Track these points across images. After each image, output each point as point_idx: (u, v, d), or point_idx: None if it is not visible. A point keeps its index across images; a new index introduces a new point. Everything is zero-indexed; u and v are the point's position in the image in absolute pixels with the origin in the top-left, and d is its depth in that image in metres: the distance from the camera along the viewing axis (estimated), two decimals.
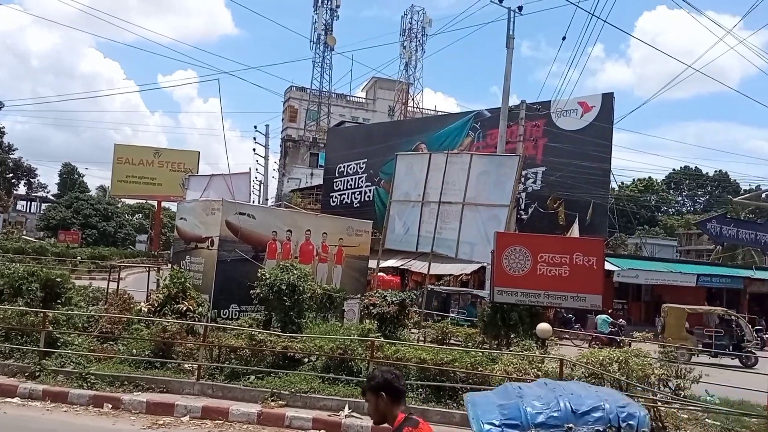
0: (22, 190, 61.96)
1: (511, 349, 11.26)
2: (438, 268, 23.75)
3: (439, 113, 50.61)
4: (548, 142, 27.63)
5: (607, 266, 20.87)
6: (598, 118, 26.84)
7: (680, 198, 71.79)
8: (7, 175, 52.95)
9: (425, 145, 31.35)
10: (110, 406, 8.96)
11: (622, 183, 56.19)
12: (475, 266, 22.88)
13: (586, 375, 9.36)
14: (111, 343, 10.76)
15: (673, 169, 67.64)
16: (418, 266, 25.53)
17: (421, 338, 14.20)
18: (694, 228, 47.12)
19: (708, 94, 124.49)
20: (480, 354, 10.02)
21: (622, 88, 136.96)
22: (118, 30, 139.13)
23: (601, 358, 9.14)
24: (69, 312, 11.27)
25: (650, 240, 46.63)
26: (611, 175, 28.80)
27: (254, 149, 43.85)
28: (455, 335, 13.69)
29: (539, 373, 9.26)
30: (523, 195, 27.34)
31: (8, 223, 67.21)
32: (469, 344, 12.60)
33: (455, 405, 9.21)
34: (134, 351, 10.41)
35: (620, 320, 21.91)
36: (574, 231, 23.03)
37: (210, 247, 14.11)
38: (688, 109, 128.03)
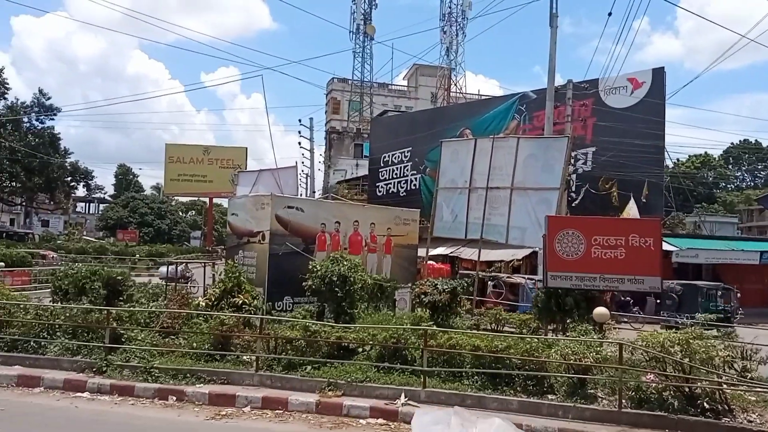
0: (80, 192, 64.53)
1: (568, 334, 11.08)
2: (488, 255, 23.51)
3: (482, 97, 49.94)
4: (597, 121, 26.88)
5: (665, 246, 20.22)
6: (649, 94, 25.93)
7: (739, 173, 68.91)
8: (66, 179, 55.02)
9: (470, 130, 30.98)
10: (174, 398, 9.26)
11: (678, 160, 54.26)
12: (527, 251, 22.54)
13: (647, 359, 9.14)
14: (172, 337, 11.10)
15: (731, 144, 64.91)
16: (467, 253, 25.33)
17: (475, 325, 14.11)
18: (755, 204, 45.12)
19: (764, 63, 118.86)
20: (535, 340, 9.90)
21: (671, 61, 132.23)
22: (161, 31, 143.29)
23: (661, 340, 8.87)
24: (131, 308, 11.69)
25: (709, 218, 44.96)
26: (665, 153, 27.86)
27: (299, 142, 44.33)
28: (509, 322, 13.55)
29: (598, 357, 9.10)
30: (574, 177, 26.72)
31: (69, 224, 70.11)
32: (524, 330, 12.46)
33: (512, 392, 9.14)
34: (194, 344, 10.70)
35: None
36: (632, 211, 22.35)
37: (262, 241, 14.35)
38: (743, 79, 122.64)
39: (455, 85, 56.96)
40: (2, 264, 25.86)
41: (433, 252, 23.39)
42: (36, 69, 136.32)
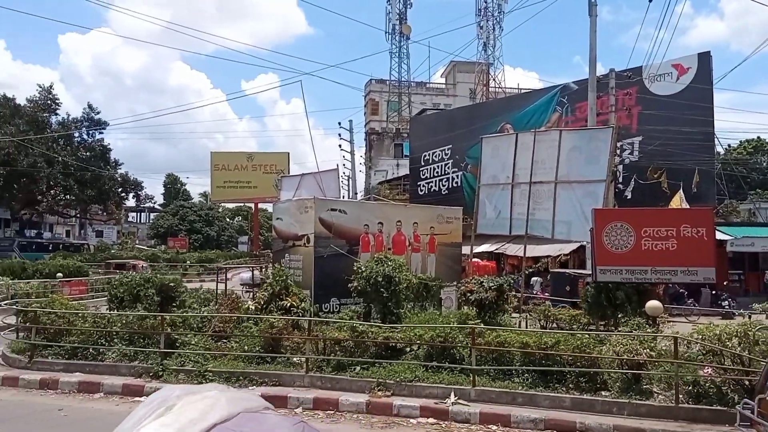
0: (131, 202, 66.49)
1: (620, 329, 10.84)
2: (534, 250, 23.23)
3: (522, 91, 49.29)
4: (643, 109, 26.19)
5: (719, 236, 19.56)
6: (696, 79, 25.13)
7: None
8: (117, 190, 56.85)
9: (510, 125, 30.65)
10: None
11: (729, 146, 52.30)
12: (574, 245, 22.17)
13: (703, 352, 8.87)
14: (224, 341, 11.35)
15: None
16: (513, 249, 25.09)
17: (524, 323, 13.96)
18: None
19: None
20: (586, 336, 9.71)
21: (716, 44, 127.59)
22: (201, 42, 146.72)
23: (718, 332, 8.59)
24: (184, 314, 12.01)
25: (765, 205, 43.19)
26: (715, 139, 26.91)
27: (340, 145, 44.68)
28: (558, 318, 13.35)
29: (651, 353, 8.88)
30: (620, 168, 26.10)
31: (122, 234, 72.47)
32: (574, 326, 12.25)
33: (564, 389, 9.00)
34: (246, 347, 10.92)
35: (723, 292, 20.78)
36: (681, 200, 21.67)
37: (306, 245, 14.53)
38: None
39: (494, 80, 56.37)
40: (60, 275, 26.94)
41: (478, 249, 23.23)
42: (83, 84, 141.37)
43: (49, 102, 51.44)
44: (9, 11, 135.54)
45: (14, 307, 13.56)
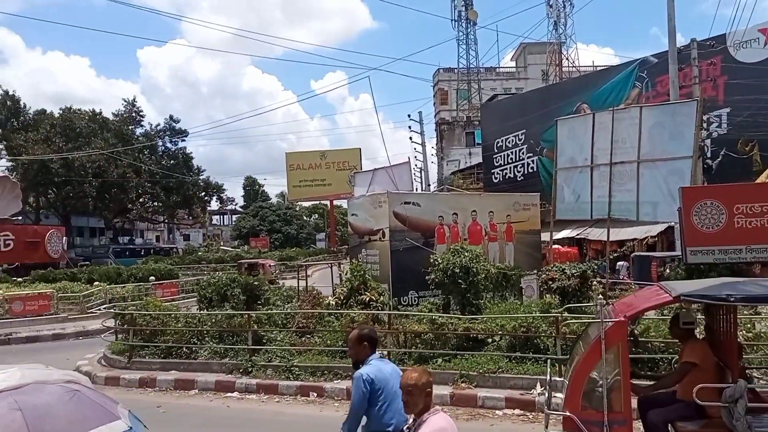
0: (214, 205, 69.34)
1: None
2: (619, 234, 22.36)
3: (597, 68, 47.45)
4: (729, 79, 24.56)
5: None
6: None
7: None
8: (200, 194, 59.44)
9: (587, 105, 29.53)
10: (315, 394, 9.72)
11: None
12: (662, 227, 21.17)
13: None
14: (308, 336, 11.63)
15: None
16: (595, 234, 24.23)
17: None
18: None
19: None
20: None
21: None
22: (270, 46, 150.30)
23: None
24: (269, 311, 12.40)
25: None
26: None
27: (410, 137, 44.68)
28: None
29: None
30: (708, 142, 24.63)
31: (207, 236, 75.76)
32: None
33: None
34: (329, 342, 11.14)
35: None
36: None
37: (382, 239, 14.61)
38: None
39: (566, 59, 54.60)
40: (153, 278, 28.44)
41: (558, 236, 22.62)
42: (163, 95, 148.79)
43: (133, 114, 54.45)
44: (90, 31, 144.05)
45: (112, 310, 14.42)
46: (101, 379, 11.40)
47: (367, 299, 12.27)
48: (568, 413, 4.49)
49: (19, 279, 30.34)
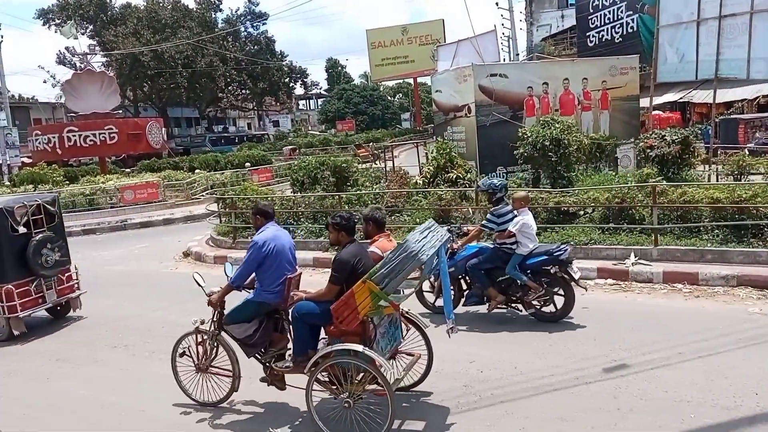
0: (299, 90, 69.75)
1: None
2: (726, 95, 20.60)
3: None
4: None
5: None
6: None
7: None
8: (285, 80, 59.78)
9: None
10: None
11: None
12: None
13: None
14: (397, 214, 11.90)
15: None
16: (701, 96, 22.45)
17: (714, 177, 12.73)
18: None
19: None
20: None
21: None
22: None
23: None
24: (358, 192, 12.71)
25: None
26: None
27: (497, 2, 41.91)
28: (755, 168, 11.94)
29: None
30: None
31: (295, 121, 77.12)
32: None
33: (760, 243, 8.22)
34: (417, 220, 11.35)
35: None
36: None
37: (468, 115, 14.26)
38: None
39: None
40: (248, 164, 29.69)
41: (658, 100, 21.17)
42: None
43: (212, 0, 54.35)
44: None
45: (214, 195, 15.31)
46: (210, 258, 12.37)
47: (454, 177, 12.24)
48: None
49: (127, 170, 32.64)
